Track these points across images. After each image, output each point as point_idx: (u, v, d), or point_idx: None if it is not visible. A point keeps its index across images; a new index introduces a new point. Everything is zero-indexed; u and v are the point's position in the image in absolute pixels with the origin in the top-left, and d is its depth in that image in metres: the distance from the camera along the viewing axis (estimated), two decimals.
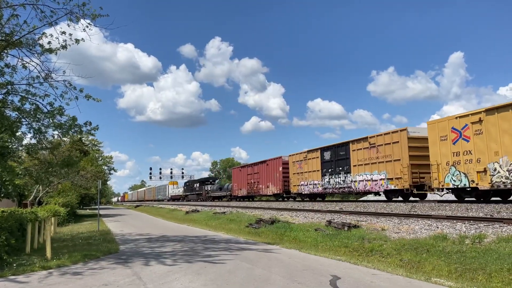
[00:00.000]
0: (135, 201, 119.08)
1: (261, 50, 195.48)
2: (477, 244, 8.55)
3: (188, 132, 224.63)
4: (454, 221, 11.44)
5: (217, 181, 63.91)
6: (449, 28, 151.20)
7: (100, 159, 60.99)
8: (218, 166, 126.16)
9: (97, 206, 29.85)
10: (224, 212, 25.17)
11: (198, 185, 61.38)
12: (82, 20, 11.30)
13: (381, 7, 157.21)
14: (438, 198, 20.92)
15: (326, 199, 31.53)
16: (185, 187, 69.22)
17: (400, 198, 22.37)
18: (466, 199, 18.00)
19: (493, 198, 17.53)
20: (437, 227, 10.78)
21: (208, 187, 56.45)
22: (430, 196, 22.22)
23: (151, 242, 14.20)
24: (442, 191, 18.96)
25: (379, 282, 6.81)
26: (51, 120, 12.40)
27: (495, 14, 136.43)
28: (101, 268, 8.90)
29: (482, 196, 17.27)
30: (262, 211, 22.43)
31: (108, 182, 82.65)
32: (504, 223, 10.17)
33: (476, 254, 7.88)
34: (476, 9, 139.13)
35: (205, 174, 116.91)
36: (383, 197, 24.49)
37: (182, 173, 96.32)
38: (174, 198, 76.95)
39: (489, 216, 12.01)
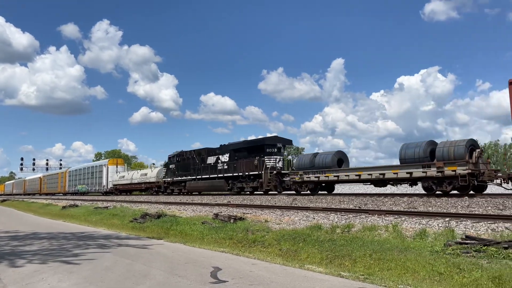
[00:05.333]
0: (18, 194, 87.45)
1: (154, 38, 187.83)
2: (346, 233, 9.45)
3: (68, 120, 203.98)
4: (329, 213, 12.50)
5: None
6: (332, 35, 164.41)
7: None
8: (103, 157, 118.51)
9: None
10: (107, 207, 23.76)
11: (228, 156, 29.04)
12: None
13: (274, 9, 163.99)
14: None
15: None
16: (172, 167, 35.70)
17: None
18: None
19: None
20: (314, 218, 11.65)
21: (277, 160, 25.80)
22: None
23: (17, 240, 12.67)
24: None
25: (258, 271, 7.08)
26: None
27: (373, 24, 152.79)
28: None
29: None
30: (148, 205, 21.71)
31: None
32: (369, 214, 11.43)
33: (345, 242, 8.68)
34: (356, 17, 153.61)
35: None
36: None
37: (60, 164, 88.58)
38: (123, 190, 44.32)
39: (357, 208, 13.39)
